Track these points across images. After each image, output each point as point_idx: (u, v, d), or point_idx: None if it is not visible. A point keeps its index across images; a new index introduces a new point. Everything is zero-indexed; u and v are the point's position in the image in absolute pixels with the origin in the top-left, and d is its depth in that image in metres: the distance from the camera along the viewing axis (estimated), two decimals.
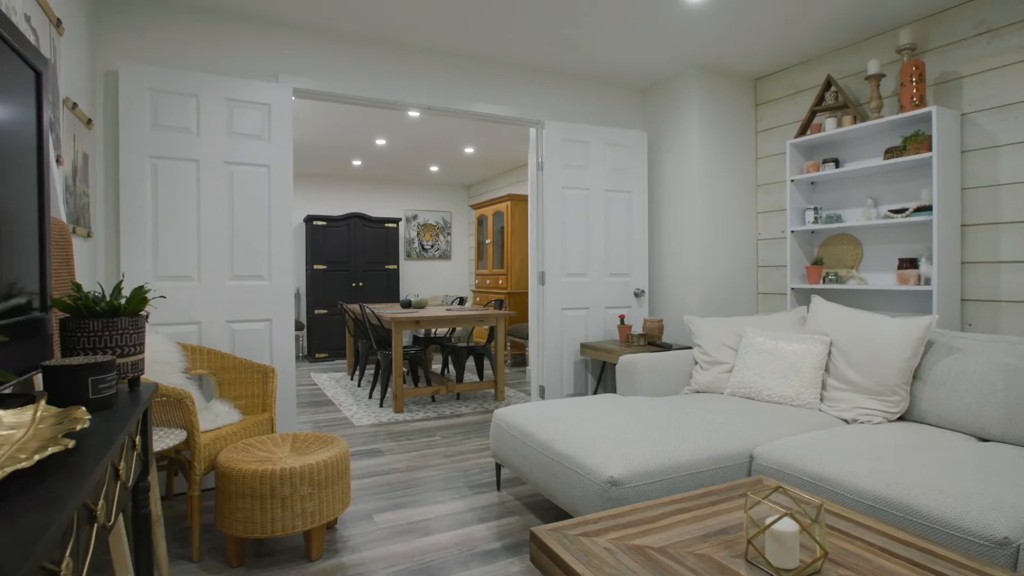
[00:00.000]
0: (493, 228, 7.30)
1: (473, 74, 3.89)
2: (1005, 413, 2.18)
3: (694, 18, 3.30)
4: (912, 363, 2.48)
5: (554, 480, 2.22)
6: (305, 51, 3.38)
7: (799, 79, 4.00)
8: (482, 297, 7.46)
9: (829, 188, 3.79)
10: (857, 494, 1.83)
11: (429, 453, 3.53)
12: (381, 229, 7.89)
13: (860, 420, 2.53)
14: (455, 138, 6.08)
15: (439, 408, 4.67)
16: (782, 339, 2.84)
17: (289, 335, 3.25)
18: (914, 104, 3.13)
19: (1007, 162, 2.96)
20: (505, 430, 2.64)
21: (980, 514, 1.55)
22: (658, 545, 1.38)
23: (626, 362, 3.06)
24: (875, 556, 1.32)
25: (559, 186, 4.06)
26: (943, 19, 3.21)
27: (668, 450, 2.09)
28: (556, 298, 4.06)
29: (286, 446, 2.40)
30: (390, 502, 2.78)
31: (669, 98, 4.32)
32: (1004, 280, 2.98)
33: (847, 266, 3.66)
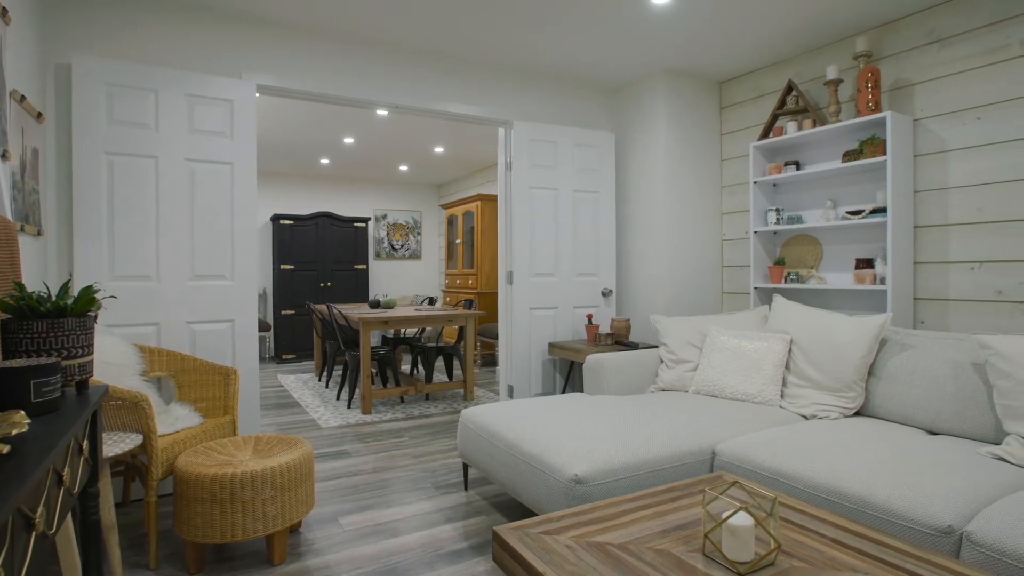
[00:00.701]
0: (463, 228, 7.28)
1: (442, 73, 3.87)
2: (953, 407, 2.27)
3: (660, 21, 3.35)
4: (867, 360, 2.56)
5: (520, 479, 2.22)
6: (269, 47, 3.32)
7: (762, 83, 4.09)
8: (452, 297, 7.44)
9: (790, 190, 3.88)
10: (814, 487, 1.87)
11: (397, 454, 3.51)
12: (350, 229, 7.79)
13: (818, 416, 2.59)
14: (425, 137, 6.05)
15: (408, 409, 4.63)
16: (745, 338, 2.90)
17: (252, 336, 3.18)
18: (870, 109, 3.23)
19: (956, 166, 3.08)
20: (472, 430, 2.63)
21: (926, 504, 1.61)
22: (618, 542, 1.40)
23: (593, 361, 3.09)
24: (827, 547, 1.36)
25: (527, 186, 4.08)
26: (896, 28, 3.32)
27: (632, 448, 2.12)
28: (524, 298, 4.07)
29: (248, 449, 2.36)
30: (356, 504, 2.75)
31: (636, 100, 4.37)
32: (953, 279, 3.09)
33: (808, 266, 3.75)
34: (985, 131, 2.97)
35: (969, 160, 3.03)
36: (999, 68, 2.91)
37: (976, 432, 2.20)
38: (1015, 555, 1.40)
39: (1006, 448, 1.95)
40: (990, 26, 2.94)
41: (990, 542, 1.46)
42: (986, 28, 2.96)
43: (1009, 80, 2.88)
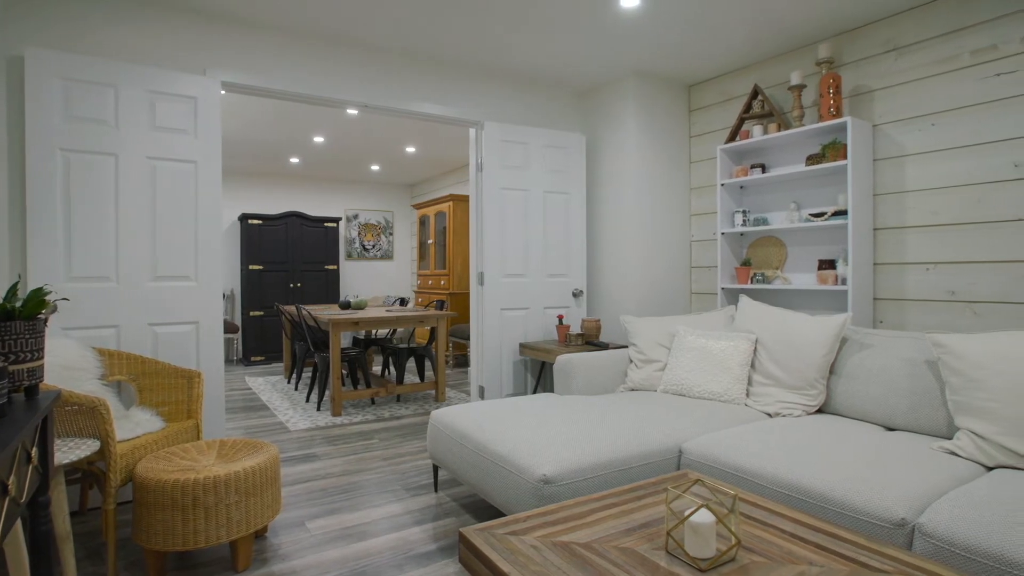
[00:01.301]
0: (435, 228, 7.25)
1: (412, 72, 3.85)
2: (909, 404, 2.34)
3: (630, 24, 3.38)
4: (828, 359, 2.63)
5: (489, 480, 2.22)
6: (235, 44, 3.26)
7: (729, 87, 4.17)
8: (424, 298, 7.40)
9: (756, 192, 3.96)
10: (776, 484, 1.92)
11: (367, 456, 3.47)
12: (320, 229, 7.69)
13: (782, 413, 2.65)
14: (396, 137, 6.01)
15: (378, 410, 4.59)
16: (712, 337, 2.95)
17: (218, 338, 3.12)
18: (831, 114, 3.32)
19: (912, 171, 3.18)
20: (442, 431, 2.62)
21: (881, 498, 1.66)
22: (583, 541, 1.41)
23: (563, 361, 3.10)
24: (785, 542, 1.39)
25: (498, 187, 4.08)
26: (856, 36, 3.42)
27: (600, 447, 2.13)
28: (495, 298, 4.07)
29: (212, 453, 2.31)
30: (324, 507, 2.72)
31: (607, 102, 4.41)
32: (909, 280, 3.19)
33: (773, 267, 3.83)
34: (939, 137, 3.07)
35: (924, 165, 3.13)
36: (951, 77, 3.02)
37: (930, 427, 2.27)
38: (962, 545, 1.46)
39: (956, 443, 2.02)
40: (943, 36, 3.05)
41: (940, 533, 1.51)
42: (940, 38, 3.06)
43: (960, 88, 2.99)
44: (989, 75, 2.89)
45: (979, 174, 2.93)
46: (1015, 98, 2.81)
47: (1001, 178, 2.86)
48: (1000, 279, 2.86)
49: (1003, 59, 2.85)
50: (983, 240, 2.92)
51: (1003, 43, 2.84)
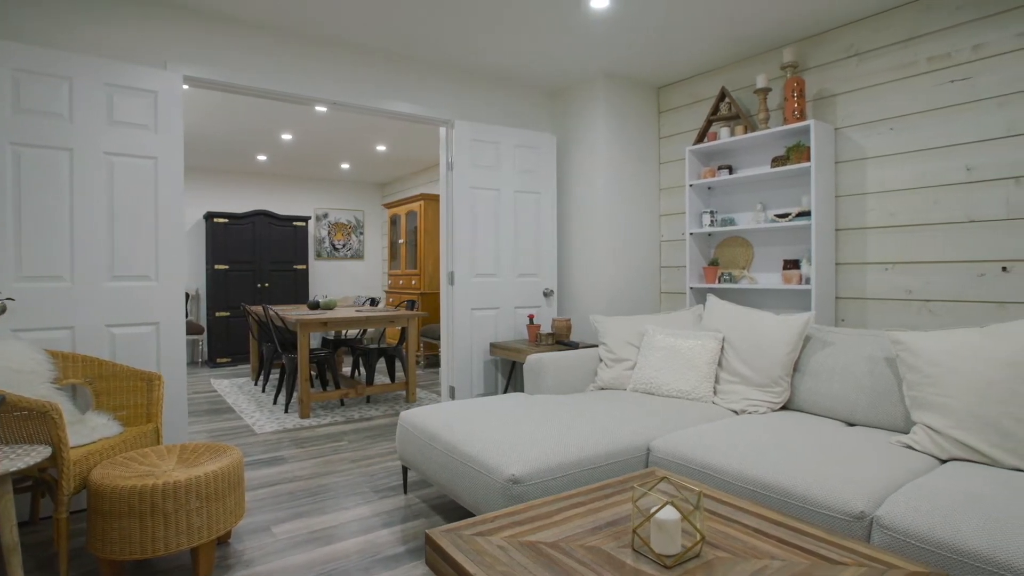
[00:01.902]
0: (406, 228, 7.19)
1: (383, 70, 3.81)
2: (868, 399, 2.40)
3: (600, 26, 3.40)
4: (792, 357, 2.68)
5: (459, 481, 2.21)
6: (198, 37, 3.17)
7: (697, 89, 4.23)
8: (395, 298, 7.33)
9: (724, 193, 4.03)
10: (741, 480, 1.95)
11: (335, 459, 3.42)
12: (289, 228, 7.56)
13: (748, 411, 2.70)
14: (366, 135, 5.94)
15: (348, 412, 4.53)
16: (680, 336, 2.99)
17: (180, 339, 3.03)
18: (795, 117, 3.39)
19: (873, 173, 3.27)
20: (411, 432, 2.60)
21: (841, 492, 1.70)
22: (551, 540, 1.40)
23: (533, 361, 3.10)
24: (749, 537, 1.41)
25: (469, 186, 4.06)
26: (820, 41, 3.50)
27: (569, 446, 2.14)
28: (466, 298, 4.06)
29: (172, 458, 2.24)
30: (291, 511, 2.67)
31: (577, 102, 4.42)
32: (870, 279, 3.28)
33: (740, 267, 3.90)
34: (897, 141, 3.17)
35: (883, 167, 3.23)
36: (909, 83, 3.11)
37: (889, 422, 2.34)
38: (917, 536, 1.50)
39: (913, 437, 2.09)
40: (901, 43, 3.14)
41: (897, 525, 1.55)
42: (898, 45, 3.16)
43: (917, 94, 3.08)
44: (944, 82, 2.99)
45: (934, 177, 3.03)
46: (967, 104, 2.91)
47: (954, 181, 2.96)
48: (953, 278, 2.96)
49: (956, 67, 2.95)
50: (937, 241, 3.02)
51: (956, 51, 2.94)
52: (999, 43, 2.80)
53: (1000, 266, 2.81)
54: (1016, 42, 2.75)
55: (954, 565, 1.43)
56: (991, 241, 2.84)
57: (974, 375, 1.97)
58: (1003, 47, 2.79)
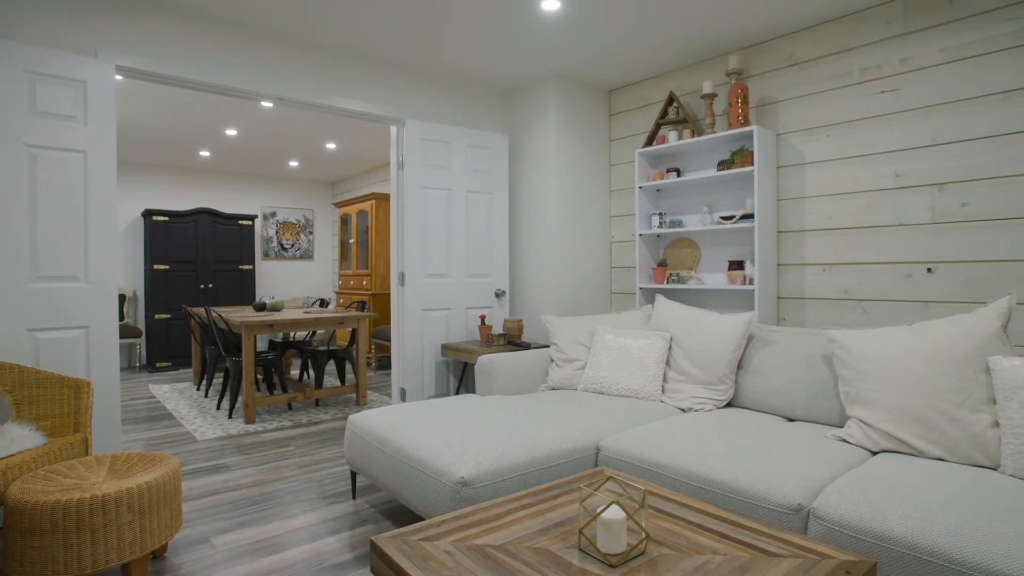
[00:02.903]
0: (357, 228, 7.06)
1: (332, 67, 3.72)
2: (807, 395, 2.50)
3: (551, 28, 3.42)
4: (736, 355, 2.76)
5: (408, 485, 2.17)
6: (133, 25, 3.02)
7: (647, 93, 4.31)
8: (346, 299, 7.19)
9: (672, 195, 4.12)
10: (686, 476, 1.99)
11: (281, 465, 3.32)
12: (235, 227, 7.30)
13: (695, 408, 2.76)
14: (315, 132, 5.79)
15: (296, 416, 4.41)
16: (629, 336, 3.03)
17: (112, 343, 2.88)
18: (740, 123, 3.49)
19: (812, 178, 3.41)
20: (359, 436, 2.54)
21: (780, 486, 1.76)
22: (498, 543, 1.40)
23: (484, 362, 3.09)
24: (692, 533, 1.44)
25: (420, 186, 4.02)
26: (762, 49, 3.62)
27: (519, 447, 2.14)
28: (417, 299, 4.01)
29: (102, 470, 2.12)
30: (233, 521, 2.57)
31: (529, 103, 4.44)
32: (809, 280, 3.42)
33: (687, 267, 4.00)
34: (833, 147, 3.31)
35: (821, 173, 3.36)
36: (844, 92, 3.26)
37: (826, 417, 2.43)
38: (849, 526, 1.57)
39: (847, 430, 2.18)
40: (836, 54, 3.29)
41: (831, 516, 1.61)
42: (833, 56, 3.30)
43: (851, 103, 3.23)
44: (875, 92, 3.14)
45: (866, 182, 3.18)
46: (896, 114, 3.07)
47: (884, 187, 3.11)
48: (884, 279, 3.12)
49: (886, 78, 3.10)
50: (870, 243, 3.17)
51: (885, 64, 3.10)
52: (924, 57, 2.97)
53: (925, 267, 2.98)
54: (939, 57, 2.92)
55: (882, 552, 1.50)
56: (917, 244, 3.00)
57: (901, 371, 2.07)
58: (927, 61, 2.96)
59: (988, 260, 2.79)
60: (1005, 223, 2.74)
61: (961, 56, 2.85)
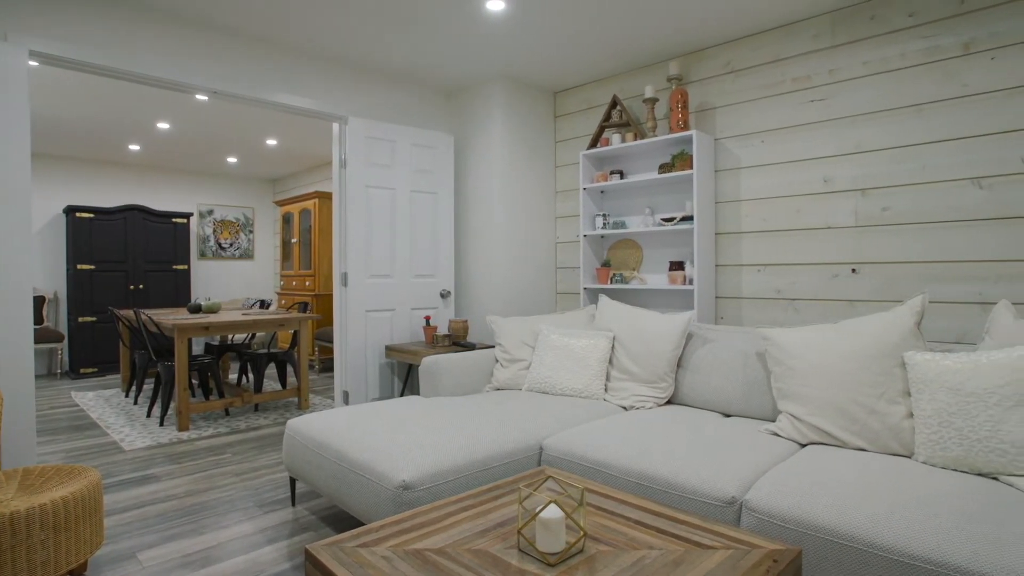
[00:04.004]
0: (300, 227, 6.87)
1: (271, 61, 3.59)
2: (742, 391, 2.59)
3: (497, 28, 3.42)
4: (676, 353, 2.83)
5: (349, 490, 2.12)
6: (50, 7, 2.83)
7: (592, 96, 4.37)
8: (288, 300, 6.98)
9: (616, 197, 4.19)
10: (627, 473, 2.02)
11: (216, 473, 3.18)
12: (168, 225, 6.96)
13: (636, 406, 2.81)
14: (255, 128, 5.59)
15: (233, 422, 4.24)
16: (573, 336, 3.06)
17: (26, 348, 2.69)
18: (680, 127, 3.59)
19: (747, 182, 3.54)
20: (298, 441, 2.47)
21: (715, 480, 1.81)
22: (437, 546, 1.38)
23: (429, 363, 3.06)
24: (630, 529, 1.46)
25: (363, 185, 3.94)
26: (701, 57, 3.73)
27: (462, 449, 2.12)
28: (360, 300, 3.93)
29: (12, 485, 1.97)
30: (162, 534, 2.44)
31: (476, 103, 4.43)
32: (745, 280, 3.55)
33: (630, 268, 4.08)
34: (767, 153, 3.44)
35: (756, 177, 3.50)
36: (777, 100, 3.40)
37: (760, 412, 2.53)
38: (779, 516, 1.63)
39: (779, 424, 2.27)
40: (770, 64, 3.42)
41: (762, 507, 1.67)
42: (767, 65, 3.43)
43: (783, 110, 3.37)
44: (805, 101, 3.29)
45: (798, 187, 3.32)
46: (824, 122, 3.22)
47: (814, 191, 3.27)
48: (814, 279, 3.27)
49: (815, 88, 3.25)
50: (801, 245, 3.32)
51: (815, 74, 3.25)
52: (849, 69, 3.13)
53: (851, 268, 3.14)
54: (862, 69, 3.08)
55: (808, 540, 1.57)
56: (843, 246, 3.16)
57: (827, 366, 2.18)
58: (852, 73, 3.12)
59: (905, 261, 2.96)
60: (919, 227, 2.92)
61: (882, 69, 3.02)
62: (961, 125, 2.80)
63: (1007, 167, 2.69)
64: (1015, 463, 1.70)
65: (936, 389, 1.88)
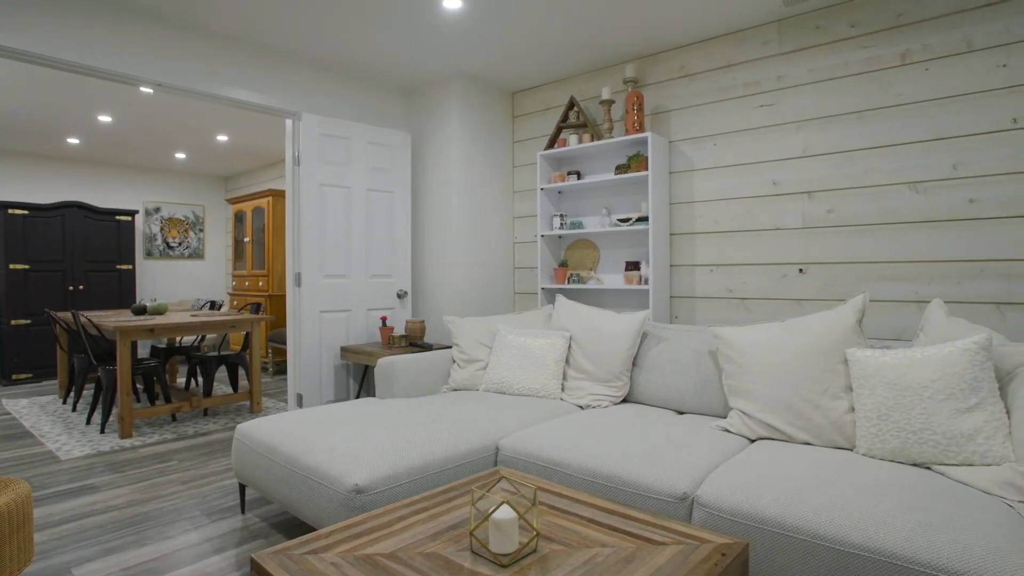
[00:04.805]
0: (253, 226, 6.68)
1: (221, 53, 3.48)
2: (695, 389, 2.64)
3: (454, 26, 3.39)
4: (632, 352, 2.87)
5: (300, 495, 2.07)
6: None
7: (549, 97, 4.39)
8: (240, 300, 6.77)
9: (573, 197, 4.23)
10: (582, 472, 2.03)
11: (161, 481, 3.06)
12: (111, 223, 6.66)
13: (592, 405, 2.84)
14: (205, 123, 5.40)
15: (181, 428, 4.08)
16: (530, 335, 3.07)
17: None
18: (635, 129, 3.64)
19: (700, 183, 3.62)
20: (248, 446, 2.39)
21: (668, 476, 1.84)
22: (388, 551, 1.35)
23: (385, 364, 3.01)
24: (583, 527, 1.47)
25: (318, 183, 3.85)
26: (656, 60, 3.80)
27: (417, 451, 2.09)
28: (314, 300, 3.84)
29: None
30: (100, 548, 2.32)
31: (433, 102, 4.39)
32: (699, 280, 3.63)
33: (587, 268, 4.11)
34: (719, 155, 3.53)
35: (708, 179, 3.58)
36: (728, 104, 3.49)
37: (712, 409, 2.58)
38: (728, 510, 1.67)
39: (729, 421, 2.32)
40: (722, 69, 3.51)
41: (712, 502, 1.71)
42: (719, 70, 3.52)
43: (735, 115, 3.46)
44: (755, 106, 3.38)
45: (748, 189, 3.42)
46: (773, 126, 3.32)
47: (763, 193, 3.36)
48: (764, 278, 3.37)
49: (764, 93, 3.35)
50: (751, 245, 3.41)
51: (764, 80, 3.35)
52: (796, 76, 3.24)
53: (798, 268, 3.24)
54: (808, 76, 3.19)
55: (756, 533, 1.61)
56: (791, 246, 3.27)
57: (775, 364, 2.24)
58: (799, 80, 3.23)
59: (848, 262, 3.08)
60: (861, 228, 3.04)
61: (826, 77, 3.14)
62: (898, 132, 2.93)
63: (939, 173, 2.82)
64: (946, 453, 1.78)
65: (876, 384, 1.96)
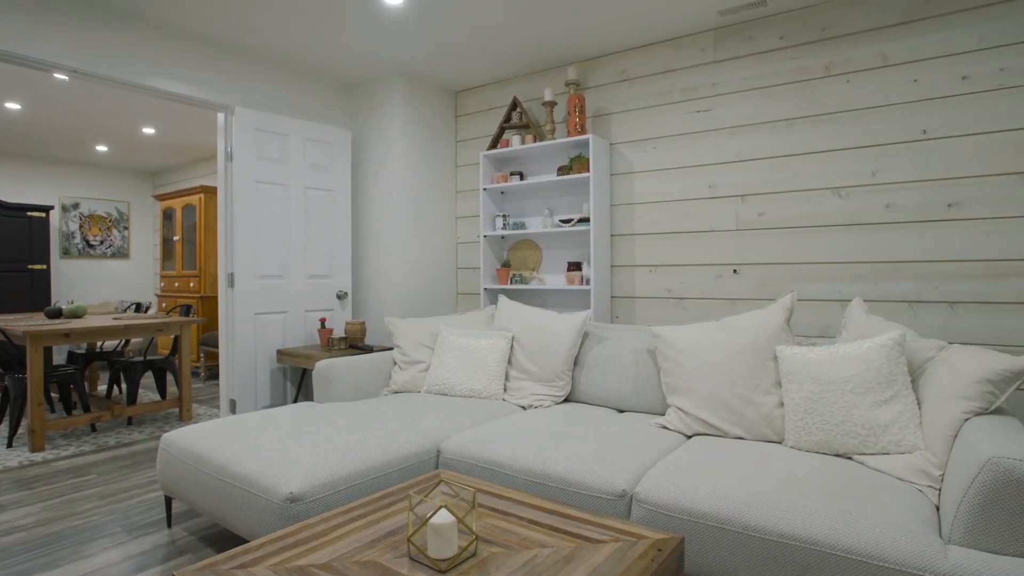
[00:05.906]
0: (183, 223, 6.36)
1: (146, 40, 3.28)
2: (634, 387, 2.69)
3: (396, 23, 3.33)
4: (573, 352, 2.89)
5: (231, 506, 1.97)
6: None
7: (492, 97, 4.38)
8: (169, 302, 6.43)
9: (516, 198, 4.23)
10: (525, 473, 2.03)
11: (77, 497, 2.85)
12: (22, 219, 6.19)
13: (535, 405, 2.85)
14: (129, 114, 5.09)
15: (101, 438, 3.83)
16: (472, 336, 3.05)
17: None
18: (577, 131, 3.68)
19: (640, 185, 3.69)
20: (174, 456, 2.26)
21: (608, 474, 1.86)
22: (323, 561, 1.31)
23: (323, 367, 2.92)
24: (523, 528, 1.47)
25: (252, 180, 3.70)
26: (598, 64, 3.85)
27: (356, 456, 2.04)
28: (248, 302, 3.69)
29: None
30: (4, 573, 2.14)
31: (374, 99, 4.30)
32: (639, 280, 3.71)
33: (530, 268, 4.13)
34: (658, 158, 3.62)
35: (648, 181, 3.66)
36: (667, 109, 3.58)
37: (651, 407, 2.64)
38: (665, 506, 1.70)
39: (667, 418, 2.38)
40: (660, 74, 3.60)
41: (650, 498, 1.74)
42: (658, 75, 3.61)
43: (673, 119, 3.56)
44: (692, 111, 3.49)
45: (686, 192, 3.52)
46: (709, 132, 3.43)
47: (699, 196, 3.47)
48: (700, 279, 3.47)
49: (701, 99, 3.46)
50: (688, 246, 3.51)
51: (700, 86, 3.46)
52: (730, 83, 3.36)
53: (732, 269, 3.36)
54: (741, 84, 3.32)
55: (691, 526, 1.65)
56: (726, 248, 3.39)
57: (710, 361, 2.31)
58: (733, 87, 3.35)
59: (778, 263, 3.22)
60: (789, 231, 3.19)
61: (758, 85, 3.27)
62: (824, 140, 3.09)
63: (860, 179, 2.99)
64: (865, 443, 1.88)
65: (803, 380, 2.05)
